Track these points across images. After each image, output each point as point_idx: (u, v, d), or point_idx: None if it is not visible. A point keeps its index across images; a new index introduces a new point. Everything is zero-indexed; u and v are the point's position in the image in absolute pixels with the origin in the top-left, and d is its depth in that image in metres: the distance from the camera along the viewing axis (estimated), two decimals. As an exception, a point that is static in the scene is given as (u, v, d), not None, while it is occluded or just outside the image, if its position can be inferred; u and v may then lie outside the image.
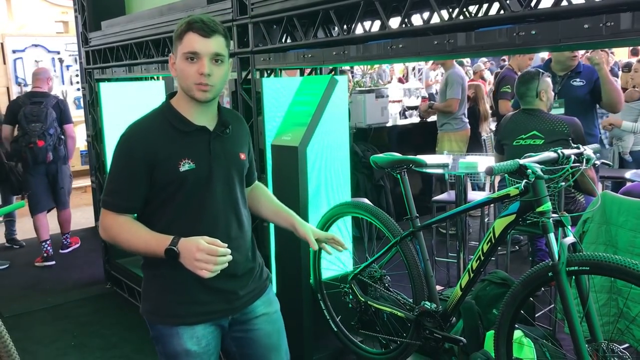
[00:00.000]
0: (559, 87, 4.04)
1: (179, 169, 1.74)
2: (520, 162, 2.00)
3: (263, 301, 1.97)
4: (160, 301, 1.85)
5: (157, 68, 3.74)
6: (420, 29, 2.18)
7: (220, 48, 1.73)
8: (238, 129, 1.93)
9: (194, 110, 1.80)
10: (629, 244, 2.63)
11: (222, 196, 1.82)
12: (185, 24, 1.73)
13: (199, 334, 1.83)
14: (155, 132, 1.78)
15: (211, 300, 1.84)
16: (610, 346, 1.98)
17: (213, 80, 1.73)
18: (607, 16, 1.60)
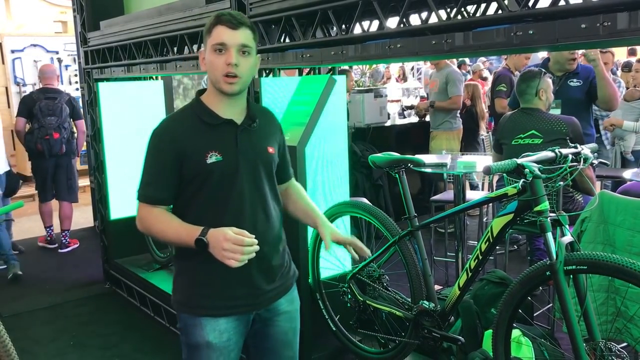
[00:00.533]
0: (557, 88, 4.04)
1: (205, 161, 1.79)
2: (518, 162, 2.01)
3: (287, 299, 2.01)
4: (187, 292, 1.91)
5: (156, 68, 3.74)
6: (418, 28, 2.18)
7: (248, 40, 1.80)
8: (267, 124, 1.97)
9: (222, 103, 1.85)
10: (626, 243, 2.63)
11: (248, 189, 1.86)
12: (214, 18, 1.80)
13: (222, 328, 1.87)
14: (183, 125, 1.85)
15: (237, 294, 1.88)
16: (608, 345, 1.99)
17: (240, 71, 1.78)
18: (604, 16, 1.60)
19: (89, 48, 4.55)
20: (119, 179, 4.59)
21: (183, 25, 3.31)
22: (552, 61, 4.19)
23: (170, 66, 3.59)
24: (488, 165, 2.00)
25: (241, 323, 1.92)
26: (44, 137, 5.48)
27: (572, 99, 4.03)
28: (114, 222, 4.67)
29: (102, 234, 4.84)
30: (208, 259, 1.74)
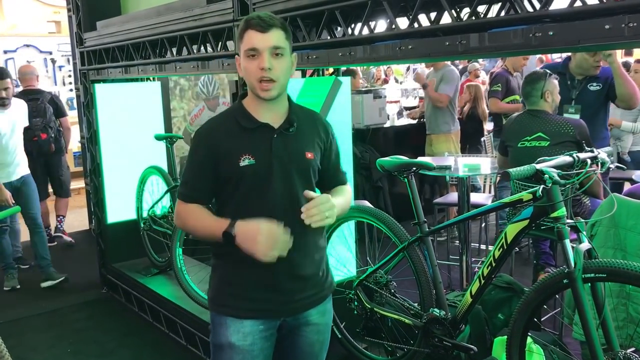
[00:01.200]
0: (577, 92, 3.91)
1: (239, 164, 1.79)
2: (537, 167, 1.95)
3: (319, 310, 1.95)
4: (217, 290, 1.92)
5: (155, 69, 3.66)
6: (430, 29, 2.12)
7: (279, 41, 1.76)
8: (309, 128, 1.92)
9: (261, 107, 1.84)
10: (638, 247, 2.58)
11: (281, 193, 1.82)
12: (243, 23, 1.78)
13: (246, 330, 1.84)
14: (221, 128, 1.86)
15: (264, 298, 1.85)
16: (628, 355, 1.93)
17: (275, 74, 1.75)
18: (630, 16, 1.54)
19: (85, 49, 4.47)
20: (116, 182, 4.52)
21: (183, 25, 3.23)
22: (575, 64, 3.97)
23: (170, 67, 3.52)
24: (508, 170, 1.95)
25: (267, 329, 1.88)
26: (31, 139, 5.44)
27: (592, 104, 3.89)
28: (111, 225, 4.59)
29: (99, 238, 4.76)
30: (238, 258, 1.74)
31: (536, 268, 3.80)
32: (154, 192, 4.44)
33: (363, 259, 3.17)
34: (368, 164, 5.40)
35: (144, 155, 4.49)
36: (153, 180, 4.45)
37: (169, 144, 4.27)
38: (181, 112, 6.31)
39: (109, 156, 4.48)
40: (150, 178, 4.45)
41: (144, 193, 4.49)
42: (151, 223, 4.36)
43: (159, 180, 4.37)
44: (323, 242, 1.97)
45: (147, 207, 4.43)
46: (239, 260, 1.80)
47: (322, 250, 1.95)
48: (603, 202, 2.75)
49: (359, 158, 5.45)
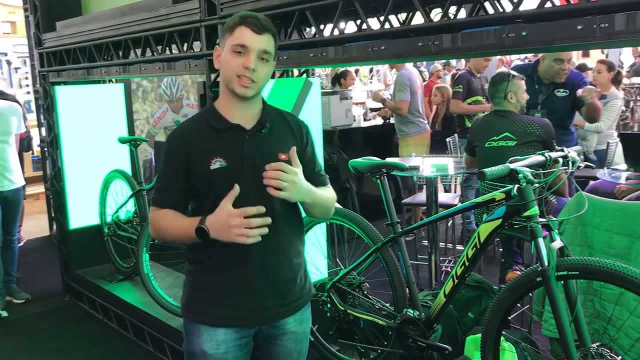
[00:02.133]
0: (544, 97, 3.98)
1: (209, 167, 1.74)
2: (511, 167, 1.97)
3: (296, 319, 1.90)
4: (190, 297, 1.87)
5: (119, 70, 3.58)
6: (402, 30, 2.11)
7: (270, 46, 1.74)
8: (283, 129, 1.87)
9: (233, 108, 1.79)
10: (604, 244, 2.64)
11: (255, 197, 1.75)
12: (238, 18, 1.74)
13: (219, 338, 1.79)
14: (192, 130, 1.80)
15: (239, 305, 1.80)
16: (599, 350, 1.96)
17: (257, 76, 1.73)
18: (601, 17, 1.56)
19: (45, 50, 4.34)
20: (79, 187, 4.41)
21: (148, 26, 3.17)
22: (543, 69, 4.04)
23: (134, 69, 3.44)
24: (483, 170, 1.95)
25: (242, 337, 1.82)
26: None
27: (559, 110, 3.97)
28: (73, 231, 4.47)
29: (61, 244, 4.63)
30: (213, 264, 1.72)
31: (504, 266, 3.85)
32: (118, 197, 4.34)
33: (334, 261, 3.15)
34: (335, 165, 5.39)
35: (107, 158, 4.39)
36: (117, 184, 4.35)
37: (133, 147, 4.18)
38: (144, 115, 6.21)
39: (70, 160, 4.36)
40: (113, 182, 4.35)
41: (108, 197, 4.38)
42: (115, 228, 4.26)
43: (123, 184, 4.27)
44: (301, 247, 1.91)
45: (111, 212, 4.33)
46: (213, 266, 1.77)
47: (300, 256, 1.90)
48: (570, 201, 2.80)
49: (327, 160, 5.44)
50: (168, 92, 6.26)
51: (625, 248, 2.53)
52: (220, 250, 1.74)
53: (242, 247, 1.73)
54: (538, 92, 3.99)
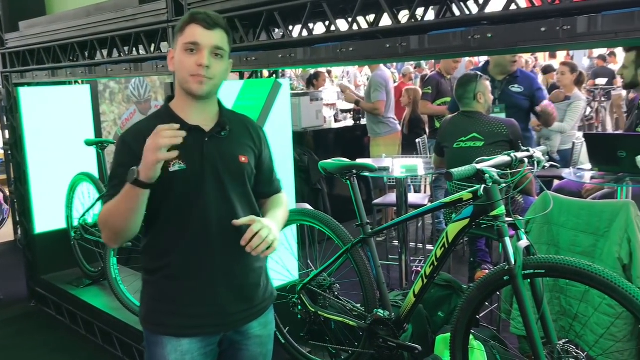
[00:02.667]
0: (499, 92, 4.11)
1: (168, 169, 1.67)
2: (478, 167, 1.99)
3: (260, 322, 1.87)
4: (150, 308, 1.81)
5: (85, 72, 3.52)
6: (370, 31, 2.12)
7: (222, 42, 1.71)
8: (241, 132, 1.84)
9: (191, 109, 1.74)
10: (570, 243, 2.68)
11: (215, 199, 1.73)
12: (188, 16, 1.70)
13: (184, 348, 1.74)
14: (148, 132, 1.68)
15: (201, 313, 1.75)
16: (566, 347, 2.00)
17: (211, 73, 1.68)
18: (564, 20, 1.59)
19: (7, 50, 4.24)
20: (44, 190, 4.31)
21: (114, 26, 3.12)
22: (493, 64, 4.23)
23: (101, 70, 3.39)
24: (450, 170, 1.97)
25: (207, 345, 1.79)
26: None
27: (515, 105, 4.10)
28: (39, 235, 4.38)
29: (26, 249, 4.53)
30: (173, 272, 1.67)
31: (472, 266, 3.89)
32: (85, 200, 4.27)
33: (305, 263, 3.15)
34: (306, 166, 5.39)
35: (73, 161, 4.30)
36: (84, 188, 4.27)
37: (100, 149, 4.12)
38: (112, 116, 6.11)
39: (35, 163, 4.27)
40: (80, 185, 4.27)
41: (74, 201, 4.30)
42: (82, 232, 4.18)
43: (90, 188, 4.20)
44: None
45: (77, 216, 4.25)
46: (173, 275, 1.72)
47: (262, 260, 1.88)
48: (537, 200, 2.85)
49: (298, 161, 5.43)
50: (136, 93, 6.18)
51: (590, 246, 2.58)
52: (181, 257, 1.72)
53: (204, 253, 1.72)
54: (493, 88, 4.10)
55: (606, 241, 2.50)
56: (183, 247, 1.72)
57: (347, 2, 2.24)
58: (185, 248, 1.72)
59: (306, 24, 2.31)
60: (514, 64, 4.15)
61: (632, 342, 2.41)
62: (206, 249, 1.73)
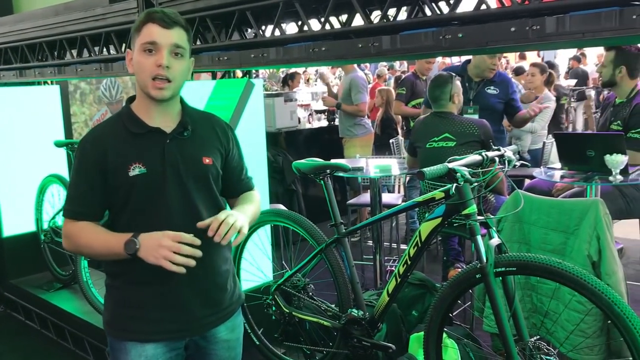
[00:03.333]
0: (474, 93, 4.15)
1: (128, 174, 1.64)
2: (449, 166, 2.00)
3: (227, 326, 1.84)
4: (113, 313, 1.78)
5: (54, 72, 3.46)
6: (343, 31, 2.12)
7: (181, 40, 1.65)
8: (206, 132, 1.79)
9: (151, 110, 1.70)
10: (541, 241, 2.72)
11: (177, 203, 1.69)
12: (144, 15, 1.64)
13: (149, 354, 1.71)
14: (107, 135, 1.68)
15: (166, 318, 1.72)
16: (537, 344, 2.02)
17: (172, 74, 1.63)
18: (533, 20, 1.61)
19: (-27, 50, 4.15)
20: (13, 192, 4.23)
21: (84, 26, 3.07)
22: (473, 65, 4.25)
23: (70, 70, 3.34)
24: (422, 170, 1.98)
25: (172, 349, 1.76)
26: None
27: (489, 107, 4.14)
28: (7, 239, 4.29)
29: (-6, 253, 4.43)
30: (137, 277, 1.65)
31: (446, 264, 3.92)
32: (55, 202, 4.19)
33: (280, 263, 3.14)
34: (281, 167, 5.37)
35: (43, 163, 4.23)
36: (53, 190, 4.19)
37: (70, 150, 4.05)
38: (82, 117, 6.02)
39: (3, 165, 4.19)
40: (50, 187, 4.19)
41: (44, 203, 4.22)
42: (53, 235, 4.11)
43: (60, 189, 4.12)
44: (228, 254, 1.86)
45: (47, 218, 4.17)
46: (137, 279, 1.69)
47: (227, 262, 1.85)
48: (508, 199, 2.88)
49: (272, 162, 5.41)
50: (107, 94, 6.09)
51: (560, 244, 2.62)
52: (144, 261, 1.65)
53: None
54: (469, 89, 4.18)
55: (576, 239, 2.54)
56: None
57: (320, 2, 2.24)
58: None
59: (278, 23, 2.30)
60: (492, 71, 4.18)
61: (602, 337, 2.45)
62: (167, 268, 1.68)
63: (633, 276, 4.12)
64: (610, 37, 1.51)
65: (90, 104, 6.05)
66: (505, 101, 4.20)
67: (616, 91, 3.82)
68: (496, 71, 4.22)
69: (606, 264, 2.43)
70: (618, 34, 1.48)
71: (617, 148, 3.25)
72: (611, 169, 3.22)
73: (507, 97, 4.20)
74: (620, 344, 2.34)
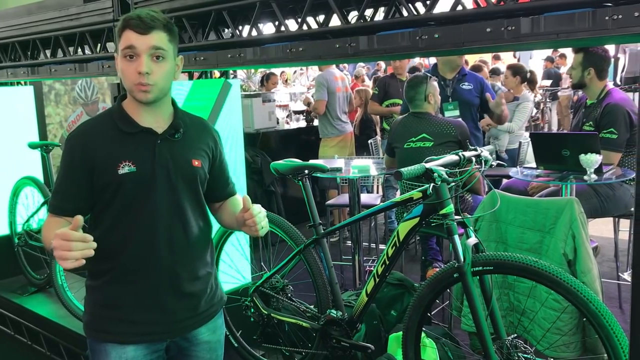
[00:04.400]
0: (451, 90, 4.20)
1: (117, 172, 1.63)
2: (427, 166, 2.01)
3: (209, 328, 1.84)
4: (93, 314, 1.77)
5: (27, 72, 3.40)
6: (320, 31, 2.12)
7: (161, 42, 1.63)
8: (196, 135, 1.79)
9: (142, 111, 1.69)
10: (518, 240, 2.75)
11: (165, 203, 1.68)
12: (122, 21, 1.63)
13: (129, 356, 1.70)
14: (97, 132, 1.67)
15: (146, 320, 1.71)
16: (514, 342, 2.04)
17: (153, 79, 1.62)
18: (508, 20, 1.62)
19: (-56, 49, 4.06)
20: (-16, 195, 4.14)
21: (58, 25, 3.03)
22: (442, 63, 4.34)
23: (44, 70, 3.28)
24: (399, 170, 1.98)
25: (153, 351, 1.75)
26: None
27: (467, 102, 4.23)
28: (-21, 242, 4.20)
29: (-34, 257, 4.34)
30: (117, 277, 1.64)
31: (424, 264, 3.94)
32: (29, 205, 4.12)
33: (258, 265, 3.12)
34: (259, 168, 5.36)
35: (16, 165, 4.15)
36: (27, 192, 4.12)
37: (45, 152, 3.98)
38: (57, 119, 5.94)
39: (-25, 167, 4.10)
40: (24, 189, 4.12)
41: (18, 206, 4.15)
42: (27, 238, 4.04)
43: (35, 192, 4.05)
44: (210, 257, 1.86)
45: (21, 221, 4.10)
46: (118, 279, 1.68)
47: (209, 265, 1.85)
48: (485, 198, 2.90)
49: (250, 162, 5.40)
50: (82, 94, 6.01)
51: (536, 243, 2.65)
52: (127, 260, 1.68)
53: (150, 258, 1.68)
54: (445, 86, 4.24)
55: (552, 237, 2.57)
56: (129, 251, 1.68)
57: (297, 2, 2.23)
58: (131, 252, 1.68)
59: (255, 23, 2.29)
60: (461, 58, 4.29)
61: (577, 335, 2.48)
62: (152, 254, 1.69)
63: (607, 274, 4.18)
64: (583, 37, 1.52)
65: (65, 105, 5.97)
66: (481, 96, 4.26)
67: (586, 92, 3.88)
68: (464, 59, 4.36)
69: (581, 262, 2.46)
70: (591, 35, 1.50)
71: (591, 148, 3.30)
72: (586, 168, 3.27)
73: (481, 90, 4.27)
74: (596, 340, 2.37)
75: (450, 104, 4.10)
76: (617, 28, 1.44)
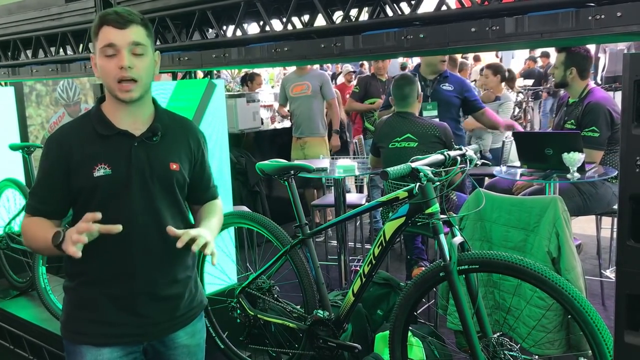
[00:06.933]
0: (431, 91, 4.23)
1: (92, 174, 1.63)
2: (413, 166, 2.01)
3: (187, 332, 1.82)
4: (70, 316, 1.77)
5: (7, 73, 3.36)
6: (305, 31, 2.12)
7: (140, 37, 1.62)
8: (177, 137, 1.77)
9: (120, 112, 1.68)
10: (502, 238, 2.76)
11: (141, 207, 1.67)
12: (98, 19, 1.62)
13: (104, 358, 1.68)
14: (75, 134, 1.66)
15: (122, 322, 1.69)
16: (500, 340, 2.05)
17: (136, 73, 1.61)
18: (493, 20, 1.63)
19: None
20: (-35, 198, 4.08)
21: (39, 25, 2.99)
22: (424, 65, 4.37)
23: (25, 71, 3.24)
24: (385, 169, 1.99)
25: (129, 353, 1.73)
26: None
27: (447, 103, 4.25)
28: (-40, 246, 4.14)
29: (-54, 261, 4.27)
30: (93, 278, 1.64)
31: (410, 263, 3.95)
32: (11, 207, 4.07)
33: (244, 266, 3.11)
34: (244, 168, 5.34)
35: (-4, 167, 4.10)
36: (9, 194, 4.07)
37: (26, 154, 3.94)
38: (39, 120, 5.87)
39: (-45, 169, 4.04)
40: (5, 192, 4.06)
41: (-1, 208, 4.10)
42: (8, 241, 3.98)
43: (16, 194, 4.00)
44: (190, 260, 1.84)
45: (3, 224, 4.04)
46: (95, 281, 1.67)
47: (189, 269, 1.83)
48: (469, 197, 2.92)
49: (235, 163, 5.37)
50: (64, 95, 5.95)
51: (521, 241, 2.67)
52: (103, 262, 1.66)
53: (125, 260, 1.67)
54: (425, 87, 4.27)
55: (536, 236, 2.59)
56: (104, 253, 1.66)
57: (282, 2, 2.23)
58: (105, 254, 1.67)
59: (240, 23, 2.28)
60: (443, 63, 4.30)
61: (562, 332, 2.50)
62: (127, 256, 1.68)
63: (590, 271, 4.22)
64: (566, 37, 1.53)
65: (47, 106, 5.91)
66: (461, 97, 4.29)
67: (569, 91, 3.93)
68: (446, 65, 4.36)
69: (565, 260, 2.49)
70: (574, 35, 1.51)
71: (574, 146, 3.33)
72: (569, 166, 3.30)
73: (463, 94, 4.30)
74: (580, 337, 2.40)
75: (430, 104, 4.14)
76: (600, 28, 1.45)
